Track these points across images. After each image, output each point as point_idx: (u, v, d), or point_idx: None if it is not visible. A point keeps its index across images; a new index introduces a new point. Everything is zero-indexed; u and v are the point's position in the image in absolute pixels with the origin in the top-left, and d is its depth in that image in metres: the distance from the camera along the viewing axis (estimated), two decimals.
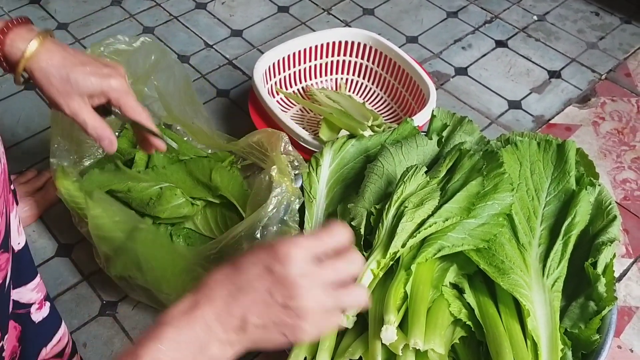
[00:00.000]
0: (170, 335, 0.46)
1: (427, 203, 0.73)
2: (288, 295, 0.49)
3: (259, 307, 0.49)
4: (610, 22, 1.54)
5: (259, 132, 0.92)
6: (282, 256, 0.49)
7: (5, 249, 0.53)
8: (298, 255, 0.49)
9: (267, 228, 0.78)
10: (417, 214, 0.73)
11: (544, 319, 0.70)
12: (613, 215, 0.77)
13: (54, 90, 0.68)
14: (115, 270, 0.88)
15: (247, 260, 0.50)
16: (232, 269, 0.50)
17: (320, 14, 1.54)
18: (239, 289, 0.49)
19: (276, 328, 0.49)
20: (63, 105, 0.69)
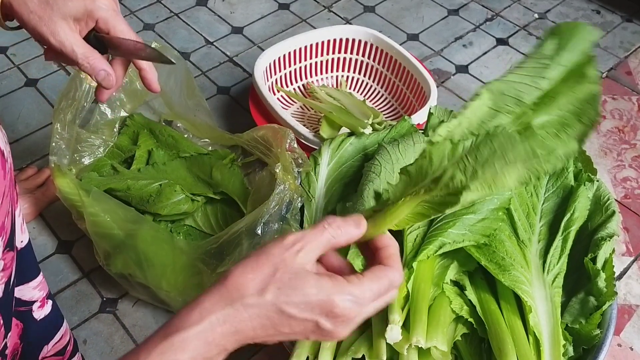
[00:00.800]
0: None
1: None
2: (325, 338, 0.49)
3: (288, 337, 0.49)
4: (611, 20, 1.54)
5: (264, 127, 0.92)
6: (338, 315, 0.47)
7: (10, 248, 0.53)
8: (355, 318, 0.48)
9: (268, 225, 0.78)
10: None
11: (545, 314, 0.70)
12: (612, 210, 0.77)
13: (34, 18, 0.61)
14: (115, 268, 0.88)
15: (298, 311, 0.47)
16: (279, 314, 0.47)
17: (321, 12, 1.54)
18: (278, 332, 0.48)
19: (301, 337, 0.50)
20: (47, 34, 0.62)
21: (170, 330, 0.47)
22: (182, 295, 0.87)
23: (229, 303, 0.47)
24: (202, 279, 0.86)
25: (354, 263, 0.76)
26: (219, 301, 0.47)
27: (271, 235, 0.78)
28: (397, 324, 0.65)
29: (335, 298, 0.47)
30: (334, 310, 0.47)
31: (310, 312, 0.47)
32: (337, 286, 0.48)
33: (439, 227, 0.73)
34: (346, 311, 0.48)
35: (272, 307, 0.47)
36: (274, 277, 0.47)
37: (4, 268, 0.52)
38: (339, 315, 0.48)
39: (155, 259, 0.87)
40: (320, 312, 0.47)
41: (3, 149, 0.52)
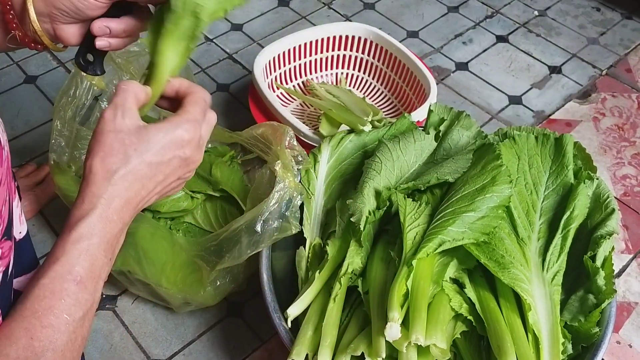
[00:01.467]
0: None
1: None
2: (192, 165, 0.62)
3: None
4: (611, 18, 1.54)
5: (263, 125, 0.92)
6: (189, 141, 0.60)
7: (8, 237, 0.53)
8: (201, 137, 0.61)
9: (267, 222, 0.78)
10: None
11: (544, 312, 0.70)
12: (611, 208, 0.77)
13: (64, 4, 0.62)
14: (114, 265, 0.88)
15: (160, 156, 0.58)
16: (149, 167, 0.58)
17: (321, 8, 1.54)
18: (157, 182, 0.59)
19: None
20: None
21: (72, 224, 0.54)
22: (182, 292, 0.87)
23: (107, 182, 0.55)
24: (201, 276, 0.86)
25: (353, 261, 0.76)
26: (99, 187, 0.55)
27: (271, 232, 0.78)
28: (396, 321, 0.65)
29: (178, 130, 0.59)
30: (184, 139, 0.59)
31: (169, 151, 0.58)
32: (173, 122, 0.59)
33: (438, 225, 0.73)
34: (191, 134, 0.60)
35: (140, 166, 0.57)
36: (126, 146, 0.56)
37: (1, 256, 0.52)
38: (189, 140, 0.60)
39: (155, 256, 0.87)
40: (175, 147, 0.59)
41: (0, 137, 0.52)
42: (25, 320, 0.50)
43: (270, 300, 0.77)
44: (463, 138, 0.87)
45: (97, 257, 0.54)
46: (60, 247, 0.53)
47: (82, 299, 0.53)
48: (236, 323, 0.95)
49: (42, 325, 0.50)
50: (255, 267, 0.85)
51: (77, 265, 0.52)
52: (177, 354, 0.91)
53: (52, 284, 0.51)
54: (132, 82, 0.61)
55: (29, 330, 0.50)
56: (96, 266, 0.54)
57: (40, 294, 0.51)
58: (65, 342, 0.51)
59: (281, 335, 0.74)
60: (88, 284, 0.53)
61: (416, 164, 0.85)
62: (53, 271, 0.52)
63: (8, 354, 0.49)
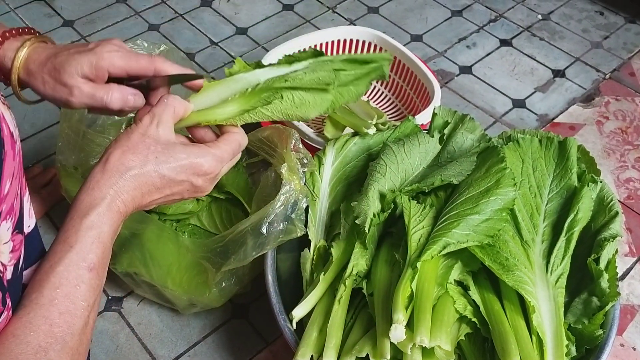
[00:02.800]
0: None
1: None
2: (199, 194, 0.66)
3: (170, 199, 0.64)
4: (615, 22, 1.54)
5: (269, 128, 0.92)
6: (206, 173, 0.63)
7: (19, 231, 0.54)
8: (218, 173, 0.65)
9: (273, 224, 0.78)
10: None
11: (548, 315, 0.70)
12: (615, 211, 0.77)
13: (49, 86, 0.67)
14: (120, 267, 0.89)
15: (175, 174, 0.61)
16: (160, 179, 0.61)
17: (325, 12, 1.55)
18: (163, 195, 0.62)
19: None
20: (65, 95, 0.67)
21: (82, 210, 0.56)
22: (187, 293, 0.87)
23: (120, 176, 0.58)
24: (207, 278, 0.86)
25: (358, 263, 0.77)
26: (110, 177, 0.58)
27: (276, 235, 0.79)
28: (401, 323, 0.65)
29: (201, 159, 0.62)
30: (202, 169, 0.63)
31: (184, 174, 0.62)
32: (201, 150, 0.63)
33: (443, 227, 0.73)
34: (211, 169, 0.63)
35: (154, 174, 0.60)
36: (149, 150, 0.60)
37: (13, 249, 0.53)
38: (206, 172, 0.63)
39: (161, 258, 0.87)
40: (192, 172, 0.62)
41: (13, 131, 0.54)
42: (43, 307, 0.52)
43: (275, 301, 0.77)
44: (467, 141, 0.87)
45: (107, 244, 0.57)
46: (73, 233, 0.55)
47: (95, 284, 0.55)
48: (241, 324, 0.95)
49: (60, 312, 0.52)
50: (260, 269, 0.85)
51: (91, 253, 0.55)
52: (182, 355, 0.92)
53: (67, 272, 0.54)
54: (175, 97, 0.64)
55: (47, 317, 0.51)
56: (106, 253, 0.57)
57: (56, 282, 0.53)
58: (82, 326, 0.53)
59: (286, 337, 0.74)
60: (100, 271, 0.56)
61: (420, 167, 0.86)
62: (67, 259, 0.54)
63: (29, 342, 0.50)
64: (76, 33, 1.45)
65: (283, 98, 0.66)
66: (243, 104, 0.67)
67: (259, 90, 0.66)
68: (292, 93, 0.67)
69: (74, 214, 0.56)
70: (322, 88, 0.67)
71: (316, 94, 0.68)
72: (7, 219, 0.51)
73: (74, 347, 0.53)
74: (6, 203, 0.50)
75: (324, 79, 0.67)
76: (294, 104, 0.67)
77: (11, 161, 0.52)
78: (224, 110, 0.67)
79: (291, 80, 0.66)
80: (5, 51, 0.67)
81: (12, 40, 0.67)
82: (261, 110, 0.67)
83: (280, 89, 0.66)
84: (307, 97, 0.67)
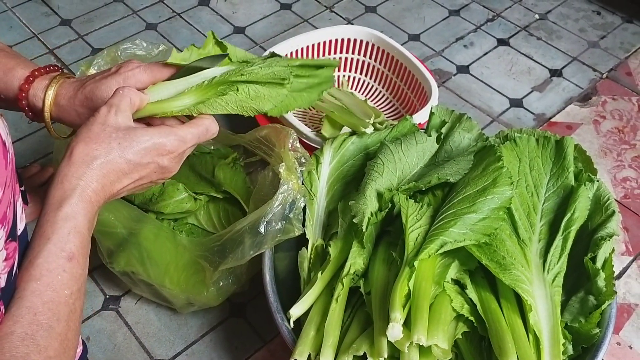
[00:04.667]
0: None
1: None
2: (167, 174, 0.67)
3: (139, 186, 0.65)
4: (612, 21, 1.54)
5: (267, 127, 0.92)
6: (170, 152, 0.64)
7: (12, 238, 0.54)
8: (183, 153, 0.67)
9: (271, 224, 0.78)
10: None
11: (545, 313, 0.70)
12: (611, 210, 0.78)
13: (84, 118, 0.68)
14: (118, 266, 0.89)
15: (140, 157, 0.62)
16: (127, 164, 0.61)
17: (323, 12, 1.55)
18: (132, 180, 0.63)
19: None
20: None
21: (55, 203, 0.57)
22: (185, 292, 0.87)
23: (86, 167, 0.59)
24: (204, 277, 0.86)
25: (355, 261, 0.77)
26: (77, 169, 0.58)
27: (274, 234, 0.79)
28: (398, 322, 0.66)
29: (163, 139, 0.63)
30: (165, 148, 0.63)
31: (149, 156, 0.63)
32: (163, 130, 0.64)
33: (440, 226, 0.73)
34: (174, 147, 0.64)
35: (120, 160, 0.61)
36: (111, 138, 0.61)
37: (6, 258, 0.53)
38: (170, 151, 0.64)
39: (158, 257, 0.87)
40: (156, 153, 0.63)
41: (5, 140, 0.54)
42: (25, 299, 0.52)
43: (273, 300, 0.77)
44: (464, 140, 0.87)
45: (84, 234, 0.58)
46: (49, 226, 0.56)
47: (77, 273, 0.56)
48: (239, 323, 0.95)
49: (43, 301, 0.53)
50: (257, 268, 0.86)
51: (69, 243, 0.56)
52: (180, 354, 0.92)
53: (47, 263, 0.54)
54: (129, 88, 0.65)
55: (31, 308, 0.52)
56: (84, 243, 0.58)
57: (37, 274, 0.53)
58: (67, 312, 0.54)
59: (284, 336, 0.75)
60: (80, 260, 0.57)
61: (418, 166, 0.86)
62: (46, 250, 0.54)
63: (14, 331, 0.50)
64: (74, 32, 1.45)
65: (238, 90, 0.68)
66: (199, 95, 0.68)
67: (216, 84, 0.68)
68: (248, 86, 0.69)
69: (47, 209, 0.57)
70: (278, 82, 0.70)
71: (272, 88, 0.71)
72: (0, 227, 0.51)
73: (62, 333, 0.53)
74: None
75: (279, 73, 0.70)
76: (249, 97, 0.70)
77: (3, 170, 0.52)
78: (180, 102, 0.68)
79: (247, 75, 0.69)
80: (35, 90, 0.69)
81: (40, 80, 0.70)
82: (216, 101, 0.69)
83: (236, 82, 0.68)
84: (262, 90, 0.70)
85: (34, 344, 0.50)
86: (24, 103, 0.70)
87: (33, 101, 0.69)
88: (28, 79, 0.69)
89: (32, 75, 0.69)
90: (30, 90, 0.69)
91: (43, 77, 0.70)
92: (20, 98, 0.69)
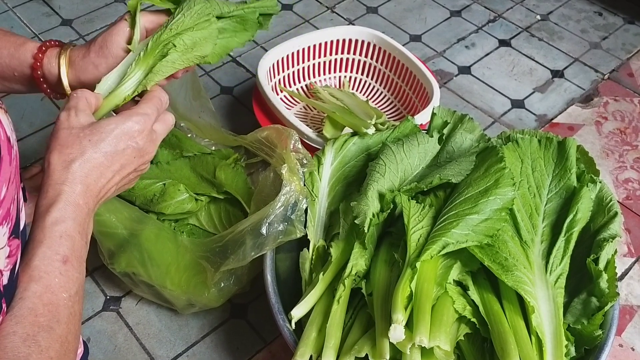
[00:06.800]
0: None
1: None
2: (146, 156, 0.67)
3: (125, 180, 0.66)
4: (614, 22, 1.54)
5: (268, 128, 0.92)
6: (140, 132, 0.65)
7: (16, 235, 0.54)
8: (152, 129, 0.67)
9: (272, 225, 0.78)
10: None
11: (548, 315, 0.70)
12: (614, 211, 0.77)
13: (102, 68, 0.70)
14: (119, 267, 0.89)
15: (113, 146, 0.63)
16: (104, 157, 0.62)
17: (324, 12, 1.55)
18: (114, 172, 0.63)
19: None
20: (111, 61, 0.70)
21: (43, 212, 0.57)
22: (186, 293, 0.87)
23: (66, 171, 0.59)
24: (205, 278, 0.86)
25: (357, 263, 0.76)
26: (59, 176, 0.59)
27: (275, 235, 0.79)
28: (400, 323, 0.65)
29: (129, 122, 0.64)
30: (134, 129, 0.64)
31: (122, 142, 0.63)
32: (124, 115, 0.65)
33: (442, 228, 0.73)
34: (142, 125, 0.65)
35: (96, 155, 0.61)
36: (80, 138, 0.61)
37: (9, 255, 0.53)
38: (140, 130, 0.65)
39: (159, 258, 0.87)
40: (127, 137, 0.64)
41: (9, 136, 0.54)
42: (27, 300, 0.52)
43: (274, 301, 0.77)
44: (466, 141, 0.87)
45: (75, 237, 0.58)
46: (39, 232, 0.56)
47: (73, 276, 0.56)
48: (240, 324, 0.95)
49: (43, 303, 0.53)
50: (258, 269, 0.85)
51: (62, 246, 0.56)
52: (180, 355, 0.91)
53: (43, 265, 0.54)
54: (83, 90, 0.67)
55: (32, 309, 0.52)
56: (77, 246, 0.58)
57: (35, 275, 0.54)
58: (67, 315, 0.54)
59: (285, 337, 0.74)
60: (74, 263, 0.57)
61: (420, 167, 0.86)
62: (41, 253, 0.55)
63: (16, 332, 0.51)
64: (74, 32, 1.45)
65: (176, 46, 0.69)
66: (143, 67, 0.69)
67: (152, 50, 0.69)
68: (182, 37, 0.70)
69: (37, 217, 0.58)
70: (205, 20, 0.71)
71: (203, 29, 0.71)
72: (3, 224, 0.51)
73: (62, 335, 0.53)
74: (2, 208, 0.50)
75: (202, 10, 0.71)
76: (188, 47, 0.70)
77: (7, 166, 0.52)
78: (130, 82, 0.69)
79: (176, 27, 0.70)
80: (49, 58, 0.70)
81: (52, 49, 0.71)
82: (162, 64, 0.69)
83: (168, 38, 0.69)
84: (196, 35, 0.71)
85: (35, 345, 0.51)
86: (39, 74, 0.70)
87: (48, 69, 0.70)
88: (40, 48, 0.70)
89: (43, 46, 0.71)
90: (45, 59, 0.70)
91: (54, 47, 0.71)
92: (35, 68, 0.70)
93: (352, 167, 0.91)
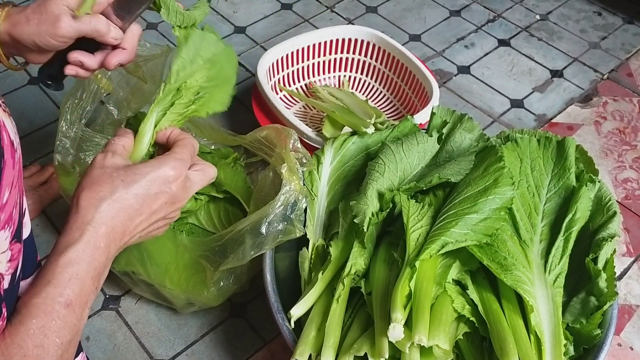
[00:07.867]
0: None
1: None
2: (178, 204, 0.65)
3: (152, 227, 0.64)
4: (613, 22, 1.54)
5: (267, 128, 0.92)
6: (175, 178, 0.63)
7: (18, 239, 0.54)
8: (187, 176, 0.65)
9: (272, 224, 0.78)
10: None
11: (546, 314, 0.70)
12: (613, 211, 0.78)
13: (33, 24, 0.67)
14: (118, 266, 0.89)
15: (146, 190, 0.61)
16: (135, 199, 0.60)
17: (324, 12, 1.55)
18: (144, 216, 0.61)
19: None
20: (53, 25, 0.67)
21: (61, 250, 0.55)
22: (185, 292, 0.87)
23: (95, 210, 0.57)
24: (205, 277, 0.86)
25: (356, 262, 0.77)
26: (86, 214, 0.57)
27: (275, 235, 0.79)
28: (399, 322, 0.65)
29: (164, 167, 0.62)
30: (169, 174, 0.62)
31: (156, 186, 0.61)
32: (160, 160, 0.63)
33: (441, 227, 0.73)
34: (177, 171, 0.63)
35: (127, 196, 0.59)
36: (113, 177, 0.60)
37: (11, 259, 0.52)
38: (176, 177, 0.63)
39: (159, 257, 0.87)
40: (162, 182, 0.62)
41: (13, 140, 0.53)
42: (18, 336, 0.51)
43: (273, 300, 0.77)
44: (465, 140, 0.87)
45: (85, 282, 0.55)
46: (50, 270, 0.54)
47: (71, 323, 0.54)
48: (239, 323, 0.95)
49: (34, 344, 0.51)
50: (258, 268, 0.85)
51: (68, 289, 0.54)
52: (180, 354, 0.92)
53: (44, 305, 0.53)
54: (119, 136, 0.67)
55: (22, 347, 0.51)
56: (84, 291, 0.55)
57: (33, 312, 0.52)
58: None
59: (284, 336, 0.74)
60: (76, 309, 0.55)
61: (419, 166, 0.86)
62: (45, 292, 0.53)
63: None
64: None
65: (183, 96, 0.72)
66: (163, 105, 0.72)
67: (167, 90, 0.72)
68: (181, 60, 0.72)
69: (52, 254, 0.56)
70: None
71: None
72: (5, 228, 0.51)
73: None
74: (5, 212, 0.50)
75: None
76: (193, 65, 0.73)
77: (10, 170, 0.51)
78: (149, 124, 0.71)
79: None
80: None
81: None
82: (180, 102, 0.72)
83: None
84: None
85: None
86: None
87: None
88: None
89: None
90: None
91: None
92: None
93: (351, 166, 0.91)
